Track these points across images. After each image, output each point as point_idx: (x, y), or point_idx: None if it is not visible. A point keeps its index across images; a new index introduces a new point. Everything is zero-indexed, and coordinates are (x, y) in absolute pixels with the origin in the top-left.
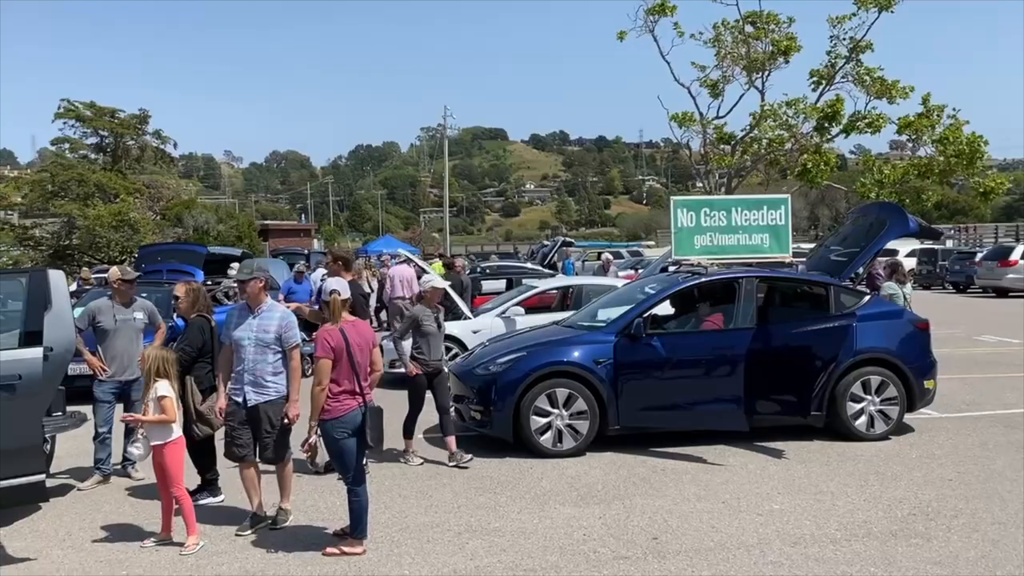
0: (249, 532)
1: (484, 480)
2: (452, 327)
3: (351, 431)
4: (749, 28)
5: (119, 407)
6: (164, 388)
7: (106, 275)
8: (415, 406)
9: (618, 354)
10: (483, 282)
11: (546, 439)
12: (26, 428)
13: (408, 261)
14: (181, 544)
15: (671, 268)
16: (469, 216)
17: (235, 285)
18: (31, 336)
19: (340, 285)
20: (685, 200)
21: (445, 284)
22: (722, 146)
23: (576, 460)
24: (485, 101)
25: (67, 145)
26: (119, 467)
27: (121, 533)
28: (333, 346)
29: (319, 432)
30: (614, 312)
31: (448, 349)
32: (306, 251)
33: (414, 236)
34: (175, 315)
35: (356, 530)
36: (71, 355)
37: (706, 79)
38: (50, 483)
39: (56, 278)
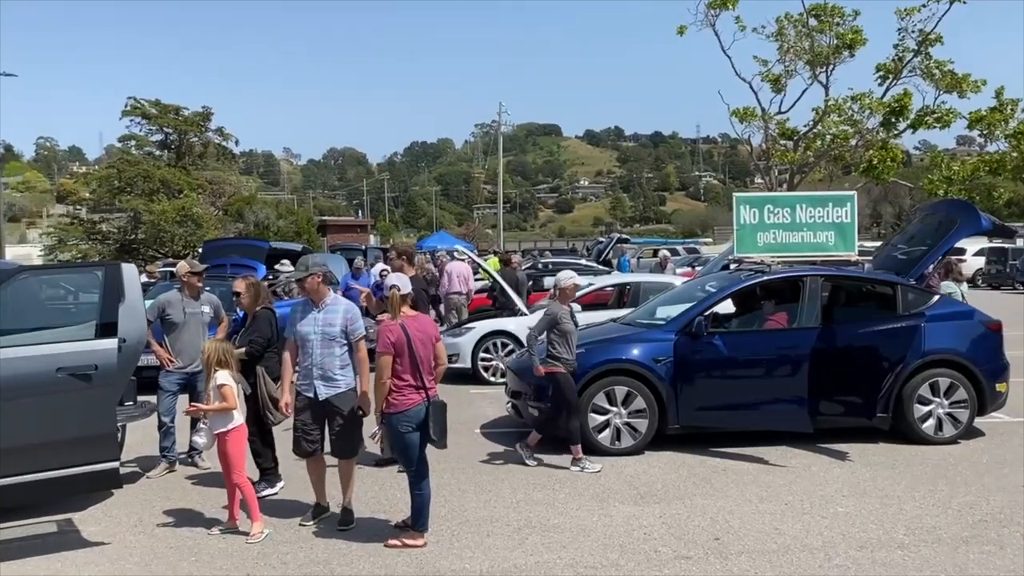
0: (312, 523)
1: (542, 476)
2: (508, 323)
3: (415, 425)
4: (813, 21)
5: (183, 397)
6: (224, 377)
7: (171, 269)
8: (573, 406)
9: (678, 352)
10: (545, 278)
11: (604, 437)
12: (101, 417)
13: (465, 259)
14: (246, 533)
15: (732, 266)
16: (522, 212)
17: (290, 281)
18: (107, 328)
19: (400, 280)
20: (748, 197)
21: (582, 280)
22: (784, 142)
23: (634, 459)
24: (539, 97)
25: (133, 142)
26: (186, 456)
27: (188, 520)
28: (393, 341)
29: (383, 425)
30: (674, 310)
31: (504, 345)
32: (363, 247)
33: (468, 232)
34: (237, 309)
35: (418, 523)
36: (143, 346)
37: (768, 73)
38: (121, 471)
39: (129, 271)
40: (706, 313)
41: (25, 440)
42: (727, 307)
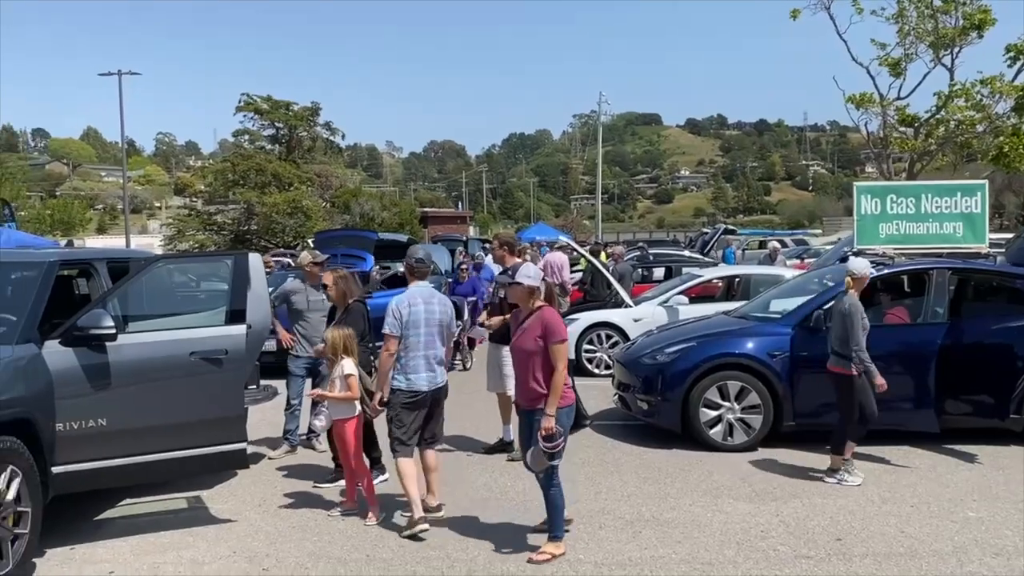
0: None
1: (652, 470)
2: (613, 315)
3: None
4: (937, 2)
5: (308, 382)
6: (350, 366)
7: (283, 259)
8: (868, 411)
9: (795, 347)
10: (648, 270)
11: (716, 432)
12: (230, 399)
13: (565, 248)
14: (364, 516)
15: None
16: (620, 203)
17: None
18: (236, 314)
19: (533, 272)
20: (869, 186)
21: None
22: (903, 129)
23: (748, 455)
24: (639, 86)
25: (246, 137)
26: (305, 438)
27: (308, 501)
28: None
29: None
30: (789, 303)
31: (608, 337)
32: (464, 237)
33: (566, 223)
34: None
35: (556, 526)
36: (268, 332)
37: (887, 58)
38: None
39: (255, 261)
40: (825, 307)
41: (162, 420)
42: None
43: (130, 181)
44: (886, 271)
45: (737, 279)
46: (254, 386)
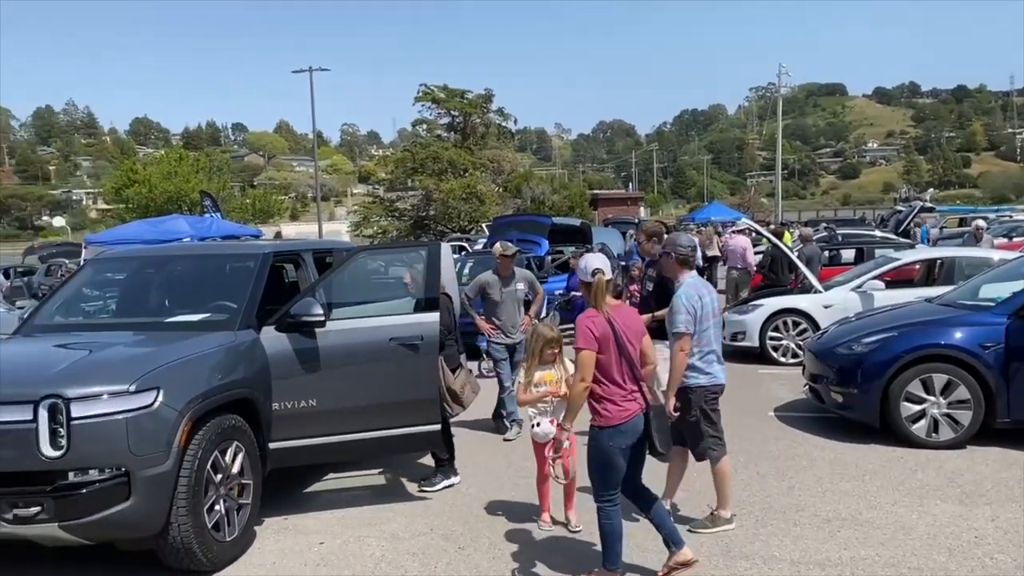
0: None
1: (847, 466)
2: (801, 301)
3: (631, 442)
4: None
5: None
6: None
7: (459, 243)
8: None
9: (1011, 339)
10: (835, 252)
11: (919, 428)
12: (425, 382)
13: (746, 231)
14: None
15: None
16: (801, 179)
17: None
18: (430, 302)
19: (603, 263)
20: None
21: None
22: None
23: (955, 453)
24: (821, 55)
25: (424, 126)
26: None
27: (497, 486)
28: (598, 335)
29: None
30: (1004, 289)
31: (795, 324)
32: (636, 219)
33: (742, 202)
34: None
35: (609, 558)
36: (459, 317)
37: None
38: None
39: (446, 251)
40: None
41: (364, 402)
42: None
43: (319, 171)
44: None
45: (940, 262)
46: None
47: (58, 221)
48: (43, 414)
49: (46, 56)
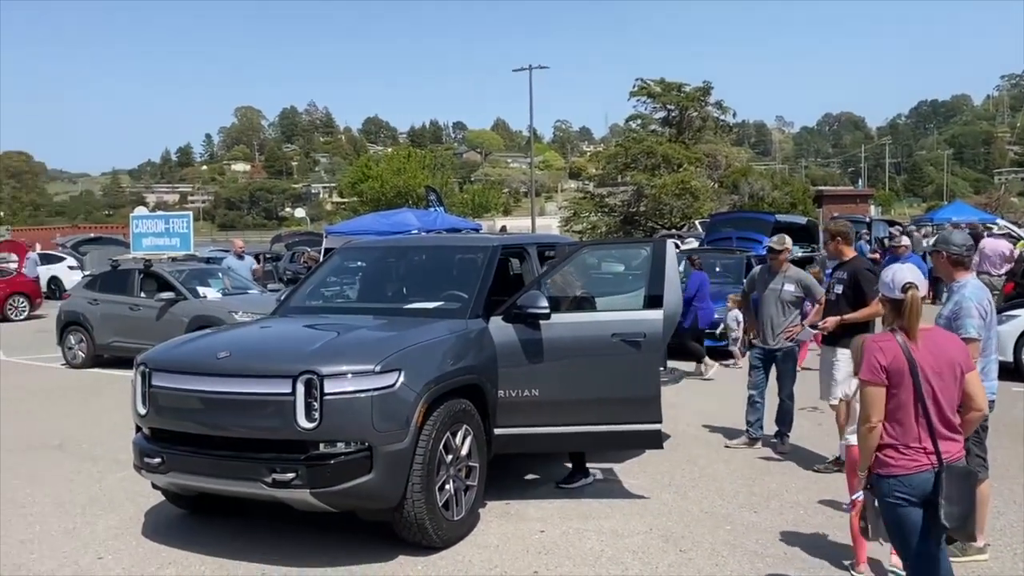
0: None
1: None
2: None
3: (916, 498)
4: None
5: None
6: None
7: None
8: None
9: None
10: None
11: None
12: (647, 380)
13: (1007, 234)
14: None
15: None
16: None
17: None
18: (653, 299)
19: (914, 275)
20: None
21: None
22: None
23: None
24: None
25: (639, 121)
26: (771, 439)
27: (718, 489)
28: (887, 365)
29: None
30: None
31: None
32: (867, 219)
33: (989, 201)
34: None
35: None
36: (679, 316)
37: None
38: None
39: (670, 249)
40: None
41: (585, 395)
42: None
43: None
44: None
45: None
46: (662, 368)
47: (299, 212)
48: (300, 388)
49: (292, 59)
